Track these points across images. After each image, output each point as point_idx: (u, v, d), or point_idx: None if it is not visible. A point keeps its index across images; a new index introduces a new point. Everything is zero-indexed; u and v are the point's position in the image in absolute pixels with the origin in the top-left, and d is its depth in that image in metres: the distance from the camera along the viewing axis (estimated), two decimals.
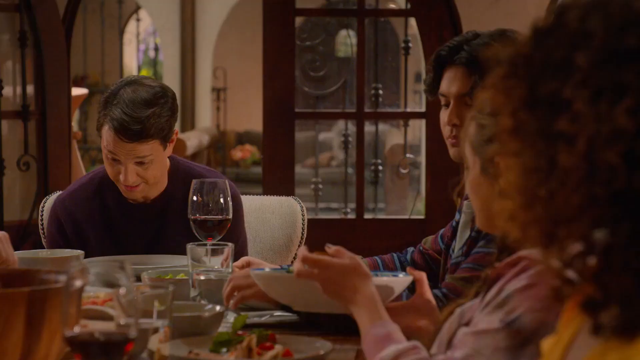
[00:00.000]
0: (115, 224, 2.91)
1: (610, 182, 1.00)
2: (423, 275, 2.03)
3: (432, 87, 2.55)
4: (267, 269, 2.23)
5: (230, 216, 2.56)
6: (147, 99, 2.72)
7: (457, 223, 2.45)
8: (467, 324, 1.61)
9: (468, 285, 1.88)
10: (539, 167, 1.05)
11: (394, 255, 2.66)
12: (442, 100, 2.51)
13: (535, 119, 1.06)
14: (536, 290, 1.47)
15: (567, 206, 1.03)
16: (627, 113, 0.99)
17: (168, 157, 2.89)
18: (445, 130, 2.50)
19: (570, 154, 1.02)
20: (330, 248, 1.89)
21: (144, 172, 2.77)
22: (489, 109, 1.75)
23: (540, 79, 1.06)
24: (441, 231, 2.66)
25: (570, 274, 1.07)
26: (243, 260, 2.53)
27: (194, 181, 2.57)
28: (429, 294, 2.02)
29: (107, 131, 2.73)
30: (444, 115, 2.50)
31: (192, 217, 2.54)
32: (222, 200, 2.55)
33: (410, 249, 2.68)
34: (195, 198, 2.55)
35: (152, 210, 2.89)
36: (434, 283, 2.65)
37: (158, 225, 2.89)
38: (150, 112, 2.70)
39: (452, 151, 2.49)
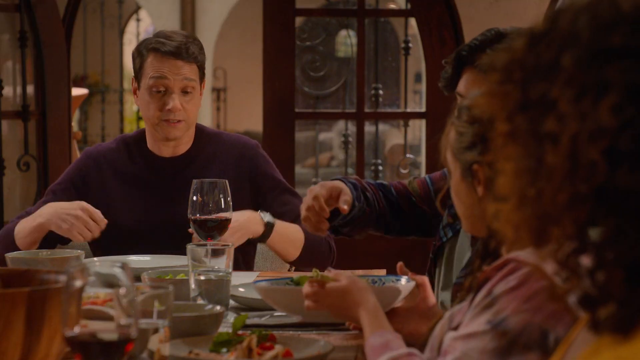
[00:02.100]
0: (140, 177, 3.01)
1: (592, 178, 1.01)
2: (425, 280, 2.04)
3: (449, 84, 2.54)
4: (268, 282, 2.24)
5: (231, 216, 2.56)
6: (181, 32, 2.99)
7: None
8: (456, 328, 1.60)
9: None
10: (528, 168, 1.07)
11: (380, 192, 2.66)
12: (459, 99, 2.50)
13: (528, 121, 1.07)
14: (523, 291, 1.47)
15: (554, 205, 1.05)
16: (609, 110, 1.01)
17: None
18: None
19: (555, 153, 1.04)
20: (331, 272, 1.96)
21: (186, 105, 2.92)
22: (467, 117, 1.76)
23: (532, 81, 1.07)
24: (429, 176, 2.65)
25: (565, 273, 1.08)
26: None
27: (194, 181, 2.58)
28: (432, 298, 2.02)
29: (152, 60, 2.92)
30: None
31: (192, 217, 2.55)
32: (222, 200, 2.55)
33: (392, 190, 2.67)
34: (195, 198, 2.55)
35: (176, 165, 3.00)
36: (417, 232, 2.62)
37: (181, 181, 2.94)
38: (188, 38, 2.94)
39: None
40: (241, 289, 2.45)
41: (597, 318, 1.06)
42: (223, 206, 2.55)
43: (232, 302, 2.33)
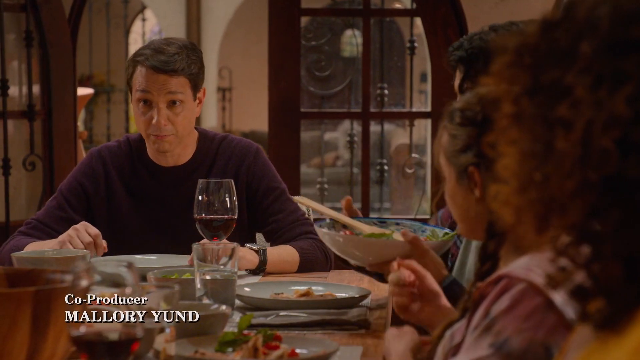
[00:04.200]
0: (144, 186, 2.99)
1: (603, 166, 1.02)
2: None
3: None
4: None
5: (236, 216, 2.57)
6: (175, 42, 2.91)
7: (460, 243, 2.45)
8: (457, 347, 1.59)
9: None
10: (535, 152, 1.06)
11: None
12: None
13: (536, 105, 1.07)
14: (520, 309, 1.45)
15: (561, 191, 1.04)
16: (625, 100, 1.01)
17: (196, 130, 3.01)
18: None
19: (566, 139, 1.04)
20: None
21: (175, 117, 2.87)
22: (459, 119, 1.75)
23: (544, 67, 1.07)
24: (439, 214, 2.63)
25: (563, 261, 1.08)
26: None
27: (200, 181, 2.58)
28: (432, 283, 1.99)
29: (138, 72, 2.88)
30: None
31: (198, 217, 2.55)
32: (227, 199, 2.55)
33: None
34: (200, 198, 2.55)
35: (180, 174, 2.97)
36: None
37: (185, 190, 2.92)
38: (179, 50, 2.88)
39: None
40: (247, 289, 2.45)
41: (587, 311, 1.06)
42: (229, 206, 2.55)
43: (237, 302, 2.33)
